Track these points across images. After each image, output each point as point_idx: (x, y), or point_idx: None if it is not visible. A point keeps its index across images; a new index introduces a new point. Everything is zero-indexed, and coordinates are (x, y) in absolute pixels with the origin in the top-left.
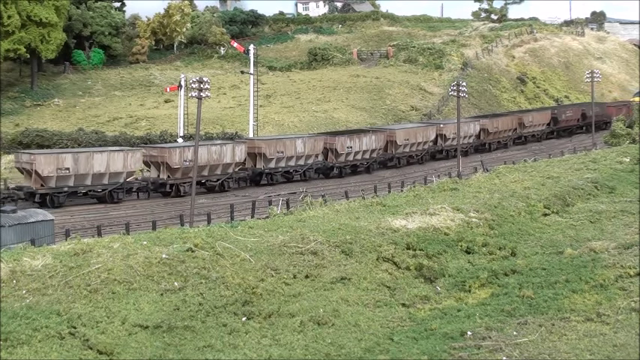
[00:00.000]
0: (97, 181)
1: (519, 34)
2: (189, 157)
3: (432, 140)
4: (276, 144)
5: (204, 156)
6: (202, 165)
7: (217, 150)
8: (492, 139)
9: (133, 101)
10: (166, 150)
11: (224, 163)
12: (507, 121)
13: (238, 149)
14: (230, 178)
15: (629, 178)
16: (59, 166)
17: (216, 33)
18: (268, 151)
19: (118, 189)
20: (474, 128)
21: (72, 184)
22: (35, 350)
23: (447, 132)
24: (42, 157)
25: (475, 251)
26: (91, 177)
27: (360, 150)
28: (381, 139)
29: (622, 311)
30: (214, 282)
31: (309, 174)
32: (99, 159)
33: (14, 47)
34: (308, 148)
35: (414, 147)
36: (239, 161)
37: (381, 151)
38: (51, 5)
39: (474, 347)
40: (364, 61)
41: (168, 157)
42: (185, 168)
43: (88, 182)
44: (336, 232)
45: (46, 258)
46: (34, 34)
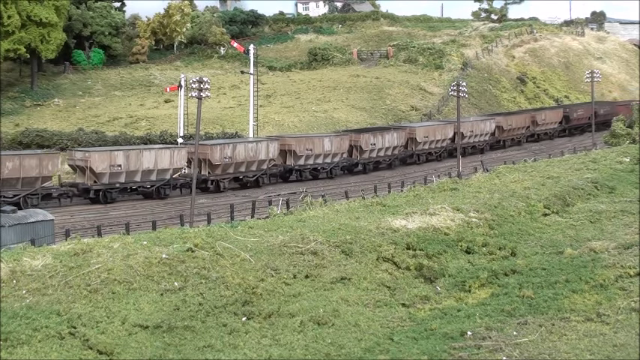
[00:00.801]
0: (146, 178)
1: (519, 34)
2: (228, 153)
3: (450, 138)
4: (305, 142)
5: (242, 153)
6: (240, 161)
7: (253, 147)
8: (507, 136)
9: (133, 101)
10: (208, 147)
11: (259, 159)
12: (521, 119)
13: (272, 146)
14: (264, 174)
15: (629, 178)
16: (112, 163)
17: (216, 33)
18: (298, 149)
19: (165, 185)
20: (490, 126)
21: (123, 180)
22: (35, 350)
23: (464, 130)
24: (96, 155)
25: (475, 251)
26: (141, 174)
27: (382, 147)
28: (402, 136)
29: (622, 311)
30: (214, 282)
31: (336, 171)
32: (148, 156)
33: (14, 47)
34: (335, 146)
35: (433, 144)
36: (272, 158)
37: (402, 148)
38: (51, 5)
39: (474, 347)
40: (364, 61)
41: (210, 154)
42: (225, 164)
43: (137, 179)
44: (336, 232)
45: (46, 258)
46: (34, 34)
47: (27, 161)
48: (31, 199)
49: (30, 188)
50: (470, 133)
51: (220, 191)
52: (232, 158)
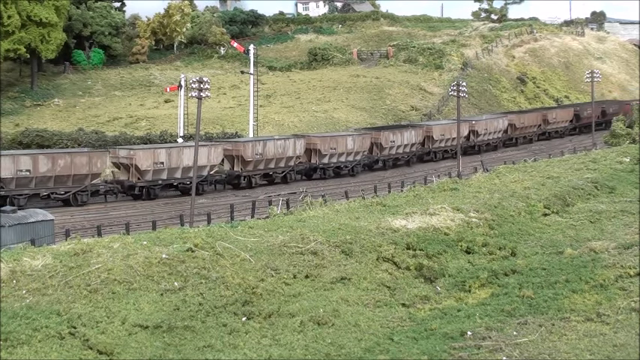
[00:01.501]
0: (185, 174)
1: (519, 34)
2: (259, 150)
3: (465, 136)
4: (329, 141)
5: (271, 150)
6: (270, 158)
7: (282, 144)
8: (519, 134)
9: (133, 101)
10: (241, 144)
11: (287, 156)
12: (533, 118)
13: (299, 144)
14: (292, 170)
15: (629, 178)
16: (155, 161)
17: (216, 33)
18: (323, 147)
19: (203, 181)
20: (503, 123)
21: (165, 177)
22: (35, 350)
23: (479, 128)
24: (141, 152)
25: (475, 251)
26: (181, 170)
27: (401, 144)
28: (419, 134)
29: (622, 311)
30: (214, 282)
31: (357, 169)
32: (188, 153)
33: (14, 47)
34: (357, 144)
35: (449, 142)
36: (298, 155)
37: (420, 146)
38: (51, 5)
39: (474, 347)
40: (364, 61)
41: (243, 151)
42: (256, 161)
43: (178, 175)
44: (336, 232)
45: (46, 258)
46: (34, 34)
47: (78, 159)
48: (81, 196)
49: (80, 185)
50: (484, 131)
51: (252, 187)
52: (263, 155)
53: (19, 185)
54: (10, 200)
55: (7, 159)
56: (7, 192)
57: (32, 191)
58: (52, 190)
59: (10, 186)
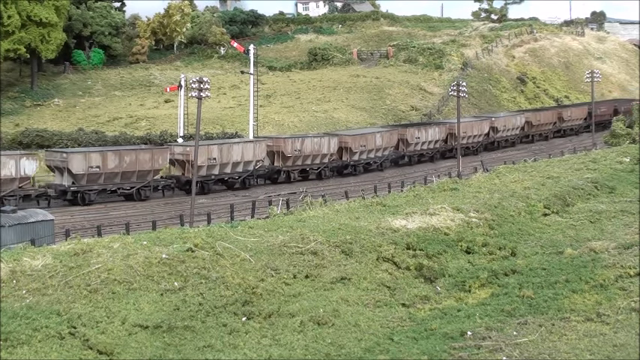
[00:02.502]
0: (234, 169)
1: (519, 34)
2: (298, 146)
3: (485, 133)
4: (359, 138)
5: (308, 146)
6: (307, 154)
7: (317, 142)
8: (535, 131)
9: (133, 101)
10: (282, 140)
11: (322, 153)
12: (549, 115)
13: (332, 142)
14: (327, 167)
15: (629, 178)
16: (209, 156)
17: (216, 33)
18: (353, 145)
19: (250, 176)
20: (520, 121)
21: (217, 172)
22: (35, 350)
23: (499, 125)
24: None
25: (475, 251)
26: (231, 165)
27: (426, 140)
28: (443, 131)
29: (622, 311)
30: (214, 282)
31: (385, 165)
32: (236, 149)
33: (14, 47)
34: (385, 140)
35: (471, 139)
36: (332, 152)
37: (442, 143)
38: (51, 5)
39: (474, 347)
40: (364, 61)
41: (284, 147)
42: (295, 156)
43: (228, 170)
44: (336, 232)
45: (46, 258)
46: (34, 34)
47: (142, 155)
48: (144, 191)
49: (143, 181)
50: (503, 128)
51: (290, 182)
52: (301, 151)
53: (90, 181)
54: (81, 196)
55: (80, 156)
56: (79, 187)
57: (101, 186)
58: (119, 185)
59: (81, 182)
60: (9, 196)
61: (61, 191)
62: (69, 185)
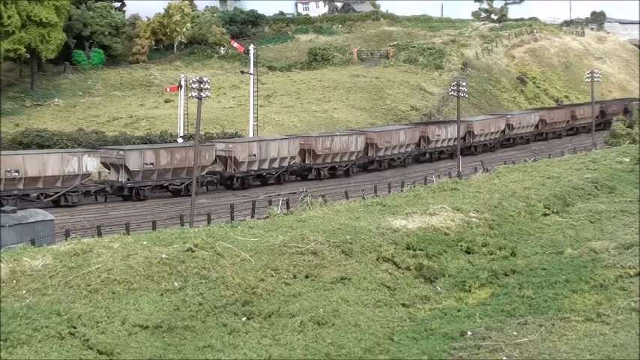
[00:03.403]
0: (271, 165)
1: (519, 34)
2: (327, 145)
3: (502, 130)
4: (385, 135)
5: (337, 144)
6: (336, 152)
7: (345, 140)
8: (549, 129)
9: (133, 101)
10: (313, 139)
11: (350, 151)
12: (562, 114)
13: (359, 139)
14: (354, 164)
15: (629, 178)
16: (250, 153)
17: (216, 33)
18: (379, 141)
19: (285, 172)
20: (535, 118)
21: (256, 168)
22: (35, 350)
23: (514, 122)
24: (239, 146)
25: (475, 251)
26: (268, 161)
27: (445, 138)
28: (462, 129)
29: (622, 311)
30: (214, 282)
31: (408, 161)
32: (274, 146)
33: (14, 47)
34: (408, 137)
35: (488, 136)
36: (359, 150)
37: (461, 140)
38: (51, 5)
39: (474, 347)
40: (364, 61)
41: (314, 145)
42: (325, 154)
43: (265, 166)
44: (336, 232)
45: (46, 258)
46: (34, 34)
47: (191, 152)
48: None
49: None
50: (518, 125)
51: (320, 179)
52: (330, 149)
53: (145, 177)
54: (136, 191)
55: (136, 153)
56: (134, 183)
57: (154, 183)
58: (170, 181)
59: (136, 178)
60: (72, 191)
61: (118, 187)
62: (125, 181)
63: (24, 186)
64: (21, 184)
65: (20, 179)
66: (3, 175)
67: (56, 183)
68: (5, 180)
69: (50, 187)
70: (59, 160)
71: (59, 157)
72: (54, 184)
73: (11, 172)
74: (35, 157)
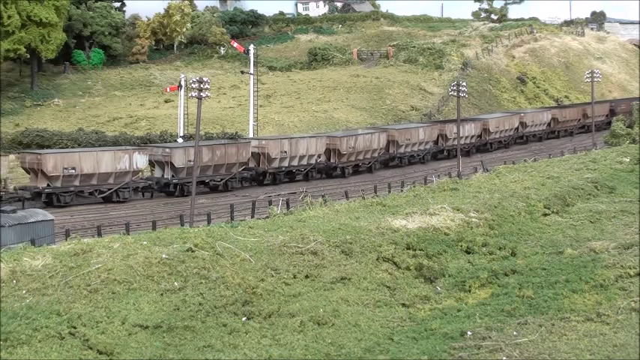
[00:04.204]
0: (299, 162)
1: (519, 34)
2: (352, 144)
3: (515, 128)
4: (405, 133)
5: (361, 143)
6: (359, 150)
7: (368, 138)
8: (561, 127)
9: (133, 101)
10: (338, 138)
11: (372, 148)
12: (574, 112)
13: (382, 137)
14: (376, 161)
15: (629, 178)
16: (281, 150)
17: (216, 33)
18: (400, 138)
19: (312, 169)
20: (547, 117)
21: (287, 164)
22: (35, 350)
23: (527, 120)
24: (272, 142)
25: (475, 251)
26: (298, 158)
27: (463, 135)
28: (478, 126)
29: (622, 311)
30: (214, 282)
31: (427, 158)
32: (302, 143)
33: (14, 47)
34: (427, 135)
35: (503, 133)
36: (381, 147)
37: (477, 138)
38: (51, 5)
39: (474, 347)
40: (364, 61)
41: (339, 145)
42: (349, 153)
43: (295, 163)
44: (336, 232)
45: (46, 258)
46: (34, 34)
47: (230, 149)
48: (231, 182)
49: (230, 173)
50: (531, 123)
51: (344, 176)
52: (354, 148)
53: (188, 174)
54: (180, 187)
55: (181, 150)
56: (180, 180)
57: (197, 179)
58: (211, 177)
59: (180, 175)
60: (123, 188)
61: (164, 184)
62: (171, 178)
63: (80, 182)
64: (77, 181)
65: (77, 176)
66: (61, 172)
67: (108, 179)
68: (63, 177)
69: (103, 184)
70: (112, 157)
71: (112, 154)
72: (106, 181)
73: (68, 170)
74: (90, 155)
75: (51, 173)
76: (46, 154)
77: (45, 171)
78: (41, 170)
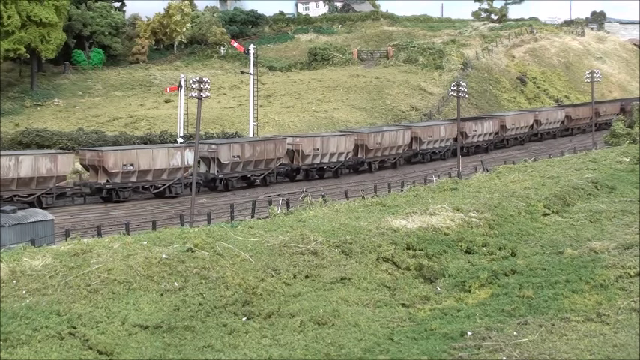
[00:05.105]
0: (330, 160)
1: (519, 34)
2: (379, 140)
3: (530, 125)
4: (427, 130)
5: (387, 139)
6: (385, 146)
7: (394, 134)
8: (574, 125)
9: (133, 101)
10: (365, 135)
11: (397, 145)
12: (586, 110)
13: (406, 134)
14: (401, 157)
15: (629, 178)
16: (314, 147)
17: (216, 33)
18: (423, 136)
19: (342, 166)
20: (561, 115)
21: (318, 162)
22: (35, 350)
23: (542, 118)
24: (305, 140)
25: (475, 251)
26: (329, 156)
27: (481, 133)
28: (495, 124)
29: (622, 311)
30: (214, 282)
31: (448, 154)
32: (333, 141)
33: (14, 47)
34: (448, 132)
35: (518, 130)
36: (406, 144)
37: (495, 135)
38: (51, 5)
39: (474, 347)
40: (364, 61)
41: (367, 140)
42: (376, 149)
43: (325, 160)
44: (336, 232)
45: (46, 258)
46: (34, 34)
47: (269, 145)
48: (269, 177)
49: (268, 168)
50: (546, 121)
51: (372, 172)
52: (381, 144)
53: (232, 169)
54: (225, 183)
55: (226, 147)
56: (225, 175)
57: (240, 174)
58: (252, 172)
59: (225, 170)
60: (175, 183)
61: (211, 179)
62: (217, 173)
63: (137, 179)
64: (134, 177)
65: (134, 172)
66: (120, 169)
67: (162, 176)
68: (122, 173)
69: (157, 180)
70: (166, 154)
71: (165, 151)
72: (160, 177)
73: (127, 166)
74: (146, 152)
75: (111, 170)
76: (108, 152)
77: (106, 168)
78: (102, 167)
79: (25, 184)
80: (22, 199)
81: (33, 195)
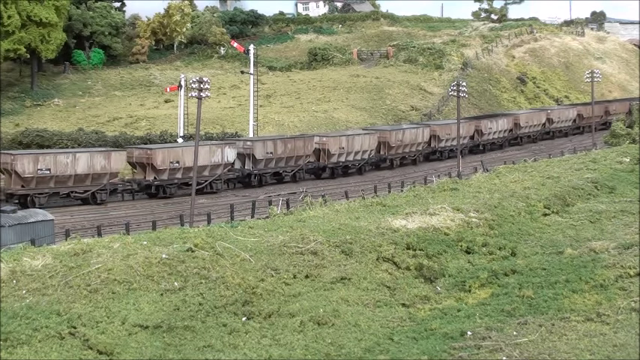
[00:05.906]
0: (355, 157)
1: (519, 34)
2: (400, 137)
3: (543, 123)
4: (446, 128)
5: (408, 137)
6: (406, 143)
7: (414, 132)
8: (585, 123)
9: (133, 101)
10: (387, 132)
11: (417, 142)
12: (597, 109)
13: (425, 132)
14: (420, 154)
15: (629, 178)
16: (340, 146)
17: (216, 33)
18: (441, 133)
19: (365, 164)
20: (573, 113)
21: (344, 159)
22: (35, 350)
23: (554, 116)
24: (331, 139)
25: (475, 251)
26: (353, 154)
27: (496, 130)
28: (510, 122)
29: (622, 311)
30: (214, 282)
31: (465, 152)
32: (357, 140)
33: (14, 47)
34: (464, 130)
35: (532, 128)
36: (425, 141)
37: (509, 132)
38: (51, 5)
39: (474, 347)
40: (364, 61)
41: (389, 138)
42: (397, 146)
43: (350, 158)
44: (336, 232)
45: (46, 258)
46: (34, 34)
47: (298, 143)
48: (299, 173)
49: (298, 165)
50: (558, 119)
51: (393, 168)
52: (402, 141)
53: (265, 165)
54: (259, 178)
55: (260, 143)
56: (259, 171)
57: (272, 170)
58: (283, 168)
59: (259, 166)
60: (216, 180)
61: (246, 174)
62: (252, 168)
63: (182, 175)
64: (179, 174)
65: (180, 169)
66: (168, 166)
67: (204, 172)
68: (169, 170)
69: (200, 176)
70: (207, 151)
71: (208, 148)
72: (202, 173)
73: (173, 163)
74: (191, 150)
75: (159, 167)
76: (156, 150)
77: (154, 165)
78: (151, 164)
79: (81, 180)
80: (78, 194)
81: (88, 191)
